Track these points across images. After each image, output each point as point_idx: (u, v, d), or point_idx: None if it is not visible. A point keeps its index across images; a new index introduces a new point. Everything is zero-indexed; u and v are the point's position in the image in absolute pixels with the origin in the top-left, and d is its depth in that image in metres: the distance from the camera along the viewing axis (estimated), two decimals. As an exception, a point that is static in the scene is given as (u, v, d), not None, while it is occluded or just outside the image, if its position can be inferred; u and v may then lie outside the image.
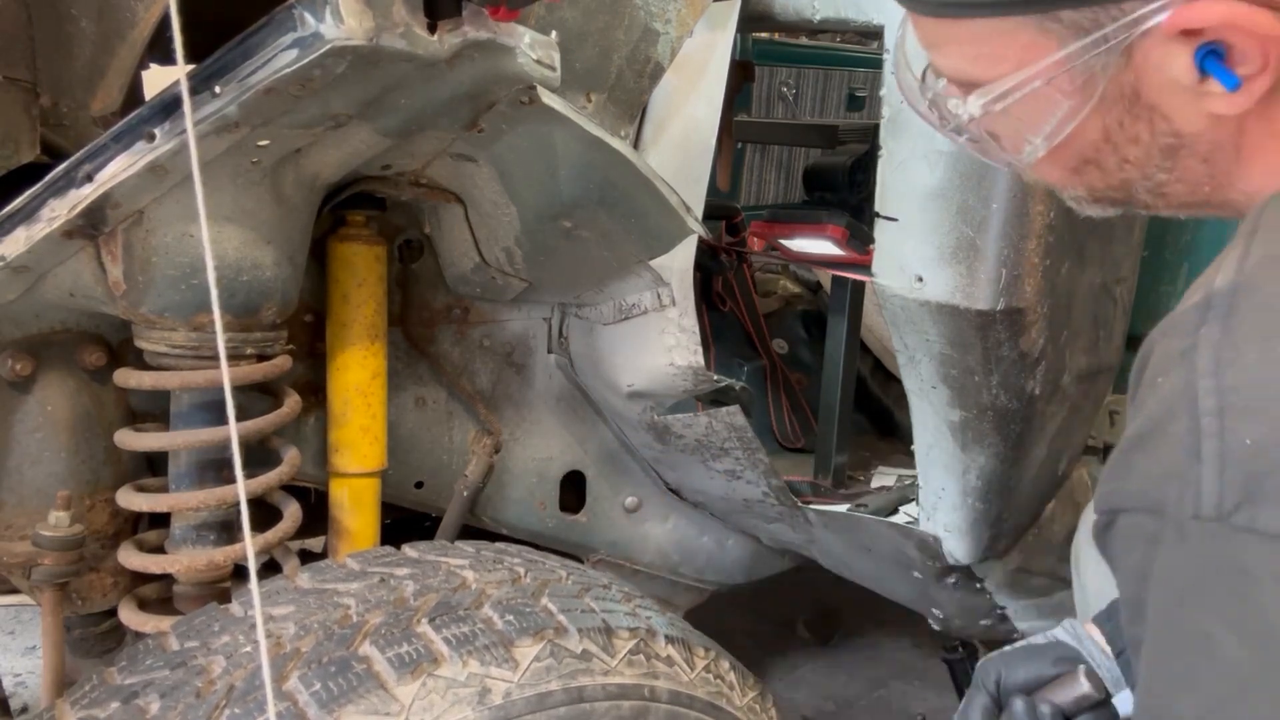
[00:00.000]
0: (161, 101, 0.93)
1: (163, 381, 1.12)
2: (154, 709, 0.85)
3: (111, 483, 1.21)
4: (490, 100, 1.06)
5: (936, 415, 1.35)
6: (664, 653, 1.00)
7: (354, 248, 1.35)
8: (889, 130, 1.23)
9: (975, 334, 1.23)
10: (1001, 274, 1.19)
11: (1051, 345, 1.28)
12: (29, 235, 0.98)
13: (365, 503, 1.41)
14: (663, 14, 1.35)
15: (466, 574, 1.03)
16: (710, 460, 1.55)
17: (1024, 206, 1.17)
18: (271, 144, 1.01)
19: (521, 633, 0.92)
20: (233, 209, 1.06)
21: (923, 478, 1.43)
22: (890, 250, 1.27)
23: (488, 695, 0.86)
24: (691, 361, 1.40)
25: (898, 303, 1.28)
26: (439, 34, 0.91)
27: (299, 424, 1.44)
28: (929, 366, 1.31)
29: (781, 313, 2.26)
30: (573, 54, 1.27)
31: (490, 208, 1.31)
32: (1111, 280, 1.38)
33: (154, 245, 1.04)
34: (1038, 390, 1.30)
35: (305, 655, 0.88)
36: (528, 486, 1.68)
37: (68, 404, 1.18)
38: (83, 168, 0.97)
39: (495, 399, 1.63)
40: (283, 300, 1.16)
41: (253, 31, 0.89)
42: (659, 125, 1.43)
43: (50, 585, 1.14)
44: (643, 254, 1.33)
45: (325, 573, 1.05)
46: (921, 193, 1.21)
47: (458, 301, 1.56)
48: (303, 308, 1.38)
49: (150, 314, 1.08)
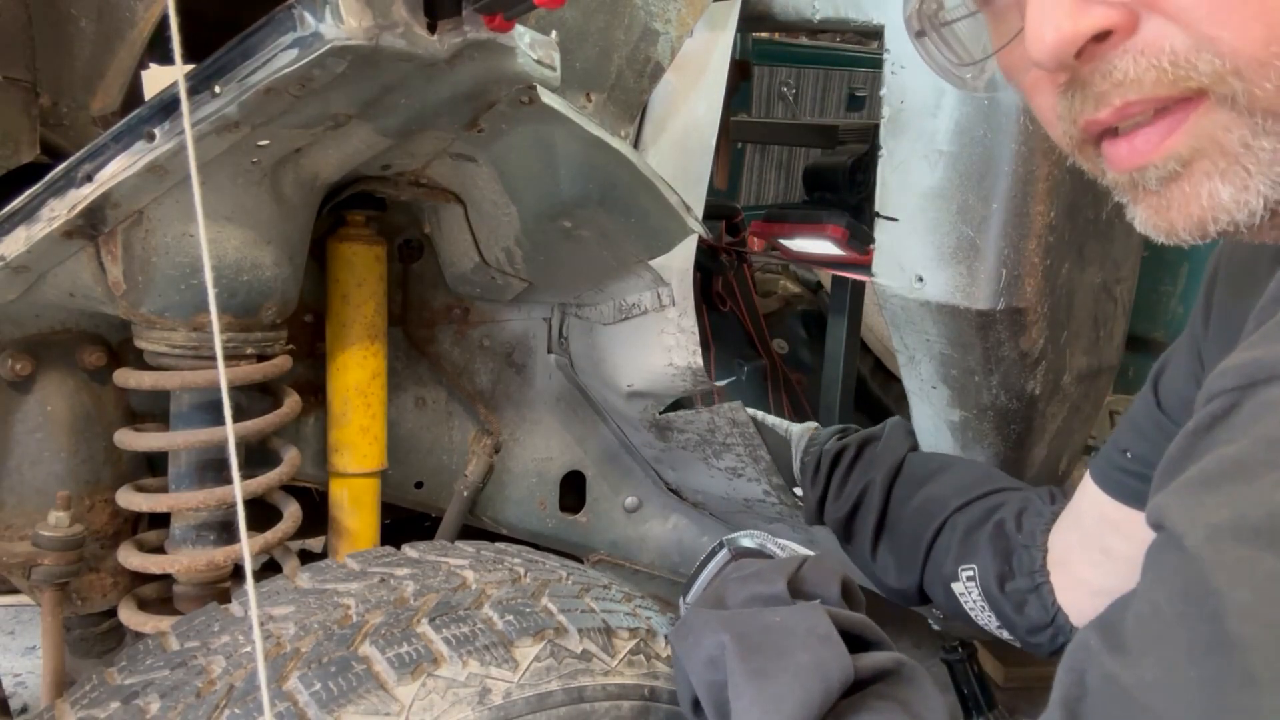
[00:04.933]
0: (161, 101, 0.93)
1: (162, 382, 1.12)
2: (154, 709, 0.85)
3: (111, 483, 1.21)
4: (490, 100, 1.06)
5: (936, 415, 1.34)
6: (664, 653, 1.00)
7: (354, 248, 1.35)
8: (889, 130, 1.23)
9: (975, 334, 1.23)
10: (1002, 274, 1.19)
11: (1052, 345, 1.28)
12: (29, 235, 0.98)
13: (365, 503, 1.41)
14: (663, 14, 1.35)
15: (466, 574, 1.03)
16: (712, 458, 1.55)
17: (1024, 206, 1.17)
18: (271, 144, 1.01)
19: (522, 633, 0.92)
20: (232, 209, 1.06)
21: (923, 478, 1.43)
22: (890, 250, 1.27)
23: (488, 695, 0.86)
24: (690, 362, 1.40)
25: (898, 303, 1.28)
26: (439, 34, 0.91)
27: (299, 424, 1.44)
28: (929, 366, 1.30)
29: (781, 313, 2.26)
30: (572, 54, 1.27)
31: (490, 208, 1.31)
32: (1111, 280, 1.38)
33: (154, 245, 1.04)
34: (1038, 390, 1.30)
35: (305, 655, 0.88)
36: (528, 486, 1.68)
37: (68, 404, 1.18)
38: (82, 168, 0.97)
39: (495, 399, 1.63)
40: (282, 300, 1.16)
41: (252, 31, 0.89)
42: (659, 125, 1.43)
43: (50, 585, 1.14)
44: (643, 254, 1.32)
45: (325, 573, 1.05)
46: (921, 193, 1.21)
47: (458, 301, 1.56)
48: (303, 308, 1.38)
49: (150, 314, 1.08)
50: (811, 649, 0.77)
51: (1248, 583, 0.44)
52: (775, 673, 0.75)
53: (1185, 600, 0.47)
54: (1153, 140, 0.58)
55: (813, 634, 0.78)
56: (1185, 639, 0.46)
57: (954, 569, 1.09)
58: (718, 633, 0.80)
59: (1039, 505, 1.08)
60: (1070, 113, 0.62)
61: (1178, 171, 0.58)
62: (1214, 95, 0.55)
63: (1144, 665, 0.48)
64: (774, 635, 0.79)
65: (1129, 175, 0.60)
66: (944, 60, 0.72)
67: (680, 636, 0.85)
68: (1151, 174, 0.59)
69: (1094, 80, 0.59)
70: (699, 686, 0.81)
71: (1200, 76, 0.55)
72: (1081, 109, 0.61)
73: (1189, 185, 0.57)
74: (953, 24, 0.70)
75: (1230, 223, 0.57)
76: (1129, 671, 0.49)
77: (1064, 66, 0.59)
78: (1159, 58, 0.55)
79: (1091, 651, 0.52)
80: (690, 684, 0.82)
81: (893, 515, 1.20)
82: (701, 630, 0.82)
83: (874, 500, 1.20)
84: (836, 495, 1.26)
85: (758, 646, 0.78)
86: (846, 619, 0.83)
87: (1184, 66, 0.55)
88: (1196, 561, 0.46)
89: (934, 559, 1.13)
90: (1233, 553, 0.45)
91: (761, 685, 0.74)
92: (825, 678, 0.74)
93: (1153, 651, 0.48)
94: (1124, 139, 0.60)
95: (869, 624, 0.85)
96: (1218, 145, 0.56)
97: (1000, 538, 1.07)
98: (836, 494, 1.26)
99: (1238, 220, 0.56)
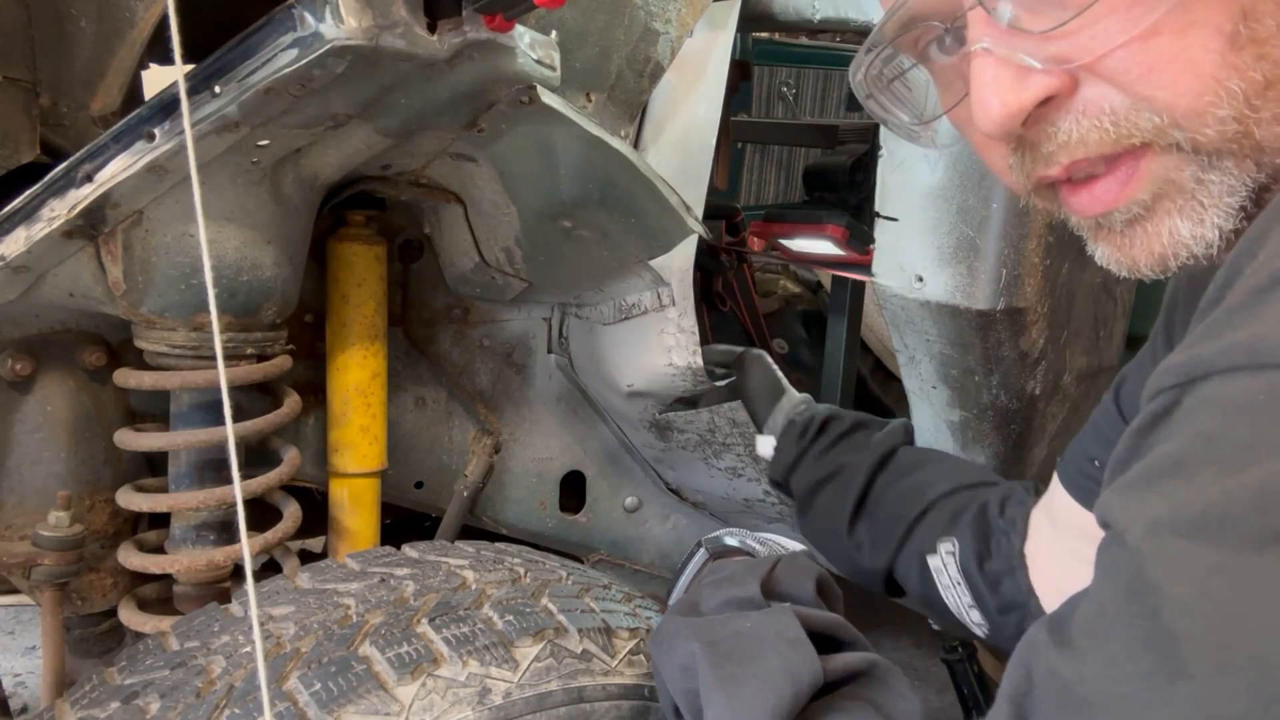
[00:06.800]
0: (161, 101, 0.93)
1: (162, 382, 1.12)
2: (154, 709, 0.85)
3: (111, 483, 1.21)
4: (490, 100, 1.06)
5: (936, 415, 1.34)
6: (664, 653, 1.00)
7: (354, 248, 1.35)
8: (889, 130, 1.23)
9: (975, 334, 1.23)
10: (1002, 274, 1.19)
11: (1052, 345, 1.28)
12: (29, 235, 0.98)
13: (365, 503, 1.41)
14: (663, 14, 1.35)
15: (466, 574, 1.03)
16: (712, 458, 1.55)
17: (1024, 206, 1.17)
18: (271, 144, 1.01)
19: (521, 633, 0.92)
20: (232, 209, 1.06)
21: (923, 478, 1.43)
22: (890, 250, 1.27)
23: (488, 695, 0.86)
24: (690, 362, 1.40)
25: (898, 303, 1.28)
26: (439, 34, 0.91)
27: (299, 424, 1.44)
28: (929, 366, 1.30)
29: (781, 313, 2.26)
30: (572, 54, 1.27)
31: (490, 208, 1.31)
32: (1111, 280, 1.38)
33: (154, 245, 1.04)
34: (1038, 390, 1.30)
35: (305, 655, 0.88)
36: (528, 486, 1.68)
37: (68, 404, 1.18)
38: (82, 168, 0.97)
39: (495, 399, 1.63)
40: (282, 300, 1.16)
41: (252, 31, 0.89)
42: (659, 125, 1.43)
43: (50, 585, 1.14)
44: (643, 254, 1.32)
45: (325, 573, 1.05)
46: (921, 193, 1.21)
47: (458, 301, 1.56)
48: (303, 308, 1.38)
49: (150, 314, 1.08)
50: (781, 653, 0.77)
51: (1185, 577, 0.45)
52: (745, 679, 0.76)
53: (1127, 596, 0.47)
54: (1113, 190, 0.60)
55: (782, 638, 0.79)
56: (1126, 634, 0.47)
57: (933, 544, 1.11)
58: (689, 641, 0.81)
59: (1021, 495, 1.11)
60: (1022, 168, 0.64)
61: (1141, 214, 0.60)
62: (1157, 145, 0.57)
63: (1086, 660, 0.49)
64: (744, 641, 0.80)
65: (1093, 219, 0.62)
66: (895, 119, 0.74)
67: (656, 645, 0.86)
68: (1116, 217, 0.61)
69: (1041, 141, 0.61)
70: (675, 694, 0.82)
71: (1142, 133, 0.57)
72: (1033, 167, 0.63)
73: (1152, 225, 0.60)
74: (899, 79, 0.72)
75: (1189, 256, 0.59)
76: (1071, 666, 0.50)
77: (1011, 135, 0.61)
78: (1100, 118, 0.57)
79: (1039, 647, 0.53)
80: (669, 692, 0.83)
81: (875, 496, 1.21)
82: (674, 638, 0.83)
83: (858, 479, 1.22)
84: (815, 460, 1.27)
85: (728, 654, 0.79)
86: (818, 620, 0.84)
87: (1125, 125, 0.57)
88: (1137, 557, 0.47)
89: (914, 538, 1.14)
90: (1171, 547, 0.46)
91: (731, 692, 0.75)
92: (794, 681, 0.75)
93: (1095, 647, 0.49)
94: (1083, 188, 0.62)
95: (841, 624, 0.86)
96: (1174, 185, 0.58)
97: (982, 521, 1.09)
98: (816, 458, 1.27)
99: (1196, 253, 0.58)
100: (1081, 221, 0.64)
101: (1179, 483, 0.47)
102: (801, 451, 1.27)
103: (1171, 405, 0.51)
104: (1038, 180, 0.64)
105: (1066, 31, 0.56)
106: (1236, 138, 0.55)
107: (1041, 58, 0.57)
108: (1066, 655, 0.50)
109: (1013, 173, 0.65)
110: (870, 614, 2.47)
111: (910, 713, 0.78)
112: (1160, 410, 0.52)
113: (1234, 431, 0.46)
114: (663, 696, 0.86)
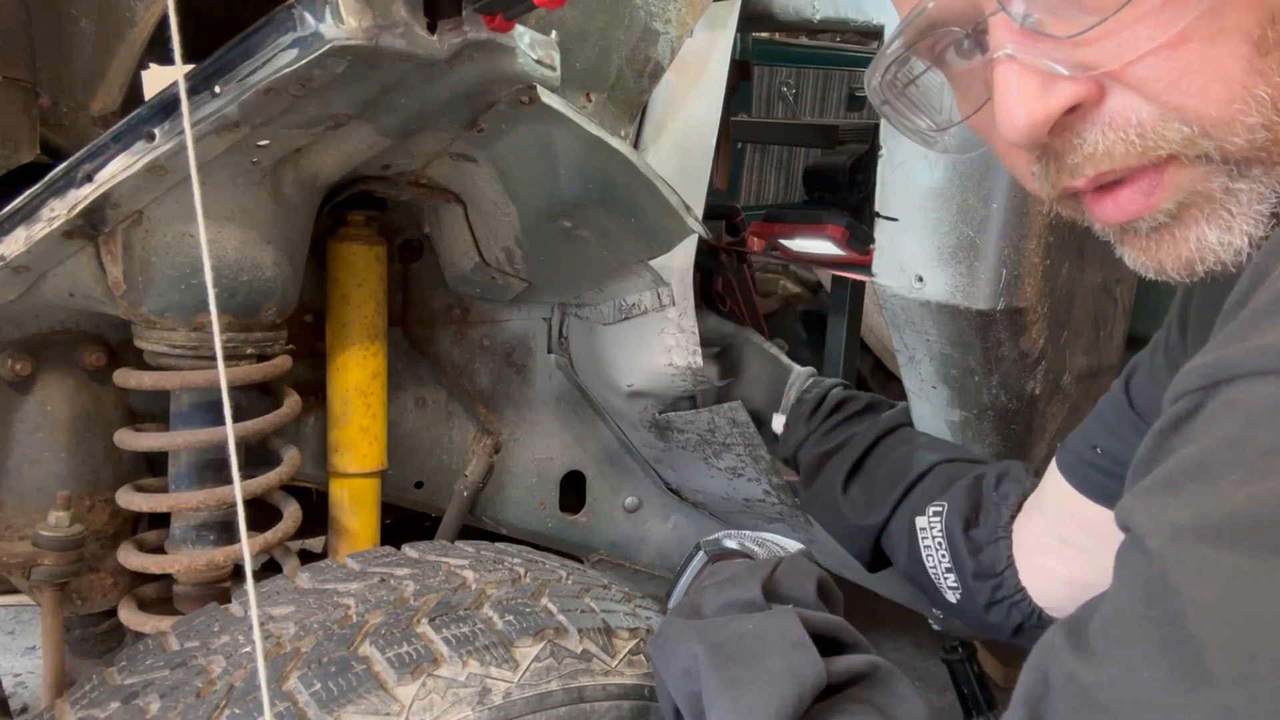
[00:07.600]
0: (161, 101, 0.93)
1: (162, 382, 1.12)
2: (154, 709, 0.85)
3: (111, 483, 1.21)
4: (490, 100, 1.06)
5: (936, 415, 1.34)
6: (664, 653, 1.00)
7: (354, 248, 1.35)
8: (889, 130, 1.23)
9: (975, 334, 1.23)
10: (1002, 274, 1.19)
11: (1052, 345, 1.28)
12: (29, 235, 0.98)
13: (365, 503, 1.41)
14: (663, 14, 1.35)
15: (466, 574, 1.03)
16: (712, 458, 1.55)
17: (1024, 206, 1.17)
18: (271, 144, 1.01)
19: (521, 633, 0.92)
20: (232, 209, 1.06)
21: (923, 478, 1.44)
22: (890, 250, 1.27)
23: (488, 695, 0.86)
24: (690, 362, 1.40)
25: (898, 303, 1.28)
26: (439, 34, 0.91)
27: (299, 424, 1.44)
28: (929, 366, 1.30)
29: (781, 313, 2.26)
30: (572, 53, 1.27)
31: (490, 208, 1.31)
32: (1111, 280, 1.38)
33: (154, 245, 1.04)
34: (1038, 390, 1.30)
35: (305, 655, 0.88)
36: (528, 486, 1.68)
37: (68, 404, 1.18)
38: (82, 168, 0.97)
39: (495, 399, 1.63)
40: (282, 300, 1.16)
41: (252, 31, 0.89)
42: (659, 125, 1.43)
43: (50, 585, 1.14)
44: (643, 254, 1.32)
45: (325, 573, 1.05)
46: (921, 193, 1.21)
47: (458, 301, 1.56)
48: (303, 308, 1.38)
49: (150, 314, 1.08)
50: (784, 655, 0.77)
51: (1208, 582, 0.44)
52: (749, 681, 0.76)
53: (1147, 601, 0.47)
54: (1138, 199, 0.59)
55: (785, 640, 0.79)
56: (1146, 639, 0.46)
57: (924, 507, 1.12)
58: (691, 643, 0.81)
59: (1019, 474, 1.12)
60: (1047, 177, 0.63)
61: (1167, 222, 0.59)
62: (1184, 158, 0.56)
63: (1104, 665, 0.48)
64: (747, 643, 0.80)
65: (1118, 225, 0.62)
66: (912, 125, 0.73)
67: (657, 647, 0.86)
68: (1143, 224, 0.60)
69: (1066, 152, 0.60)
70: (677, 697, 0.82)
71: (1169, 145, 0.56)
72: (1058, 177, 0.62)
73: (1179, 231, 0.59)
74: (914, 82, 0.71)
75: (1217, 262, 0.58)
76: (1089, 671, 0.49)
77: (1037, 144, 0.60)
78: (1126, 130, 0.57)
79: (1055, 650, 0.52)
80: (670, 695, 0.83)
81: (874, 458, 1.24)
82: (676, 641, 0.83)
83: (859, 443, 1.24)
84: (824, 435, 1.30)
85: (731, 656, 0.78)
86: (820, 622, 0.84)
87: (1152, 137, 0.56)
88: (1159, 562, 0.47)
89: (909, 500, 1.16)
90: (1194, 553, 0.45)
91: (735, 694, 0.75)
92: (798, 683, 0.75)
93: (1114, 652, 0.48)
94: (1108, 195, 0.61)
95: (844, 626, 0.86)
96: (1201, 193, 0.57)
97: (975, 490, 1.10)
98: (824, 435, 1.30)
99: (1224, 260, 0.58)
100: (1107, 227, 0.63)
101: (1203, 487, 0.47)
102: (812, 429, 1.31)
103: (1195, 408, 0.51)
104: (1062, 190, 0.63)
105: (1093, 37, 0.55)
106: (1265, 145, 0.54)
107: (1068, 64, 0.56)
108: (1084, 660, 0.50)
109: (1036, 180, 0.64)
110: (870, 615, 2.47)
111: (914, 715, 0.78)
112: (1184, 413, 0.51)
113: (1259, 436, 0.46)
114: (663, 699, 0.85)
